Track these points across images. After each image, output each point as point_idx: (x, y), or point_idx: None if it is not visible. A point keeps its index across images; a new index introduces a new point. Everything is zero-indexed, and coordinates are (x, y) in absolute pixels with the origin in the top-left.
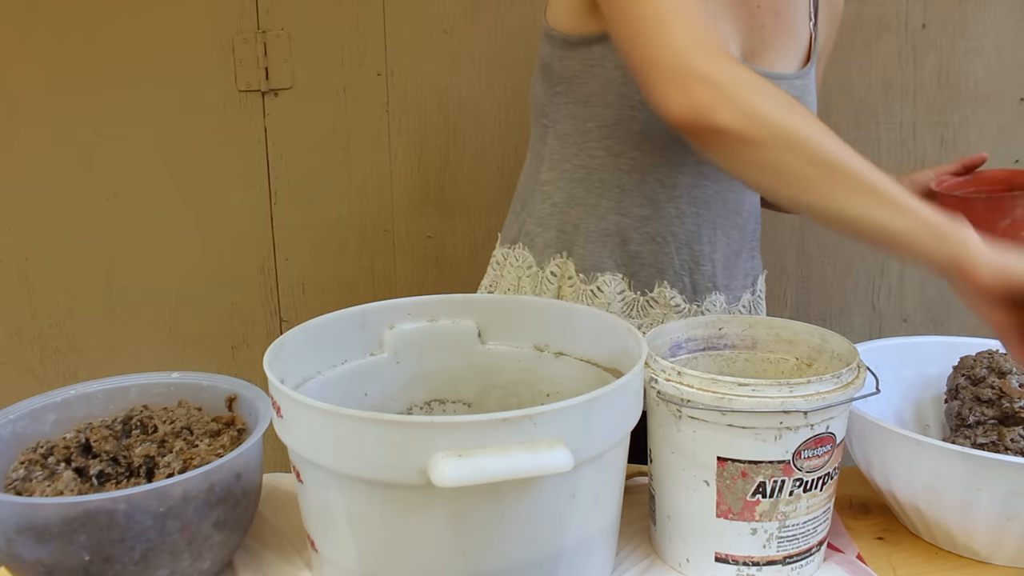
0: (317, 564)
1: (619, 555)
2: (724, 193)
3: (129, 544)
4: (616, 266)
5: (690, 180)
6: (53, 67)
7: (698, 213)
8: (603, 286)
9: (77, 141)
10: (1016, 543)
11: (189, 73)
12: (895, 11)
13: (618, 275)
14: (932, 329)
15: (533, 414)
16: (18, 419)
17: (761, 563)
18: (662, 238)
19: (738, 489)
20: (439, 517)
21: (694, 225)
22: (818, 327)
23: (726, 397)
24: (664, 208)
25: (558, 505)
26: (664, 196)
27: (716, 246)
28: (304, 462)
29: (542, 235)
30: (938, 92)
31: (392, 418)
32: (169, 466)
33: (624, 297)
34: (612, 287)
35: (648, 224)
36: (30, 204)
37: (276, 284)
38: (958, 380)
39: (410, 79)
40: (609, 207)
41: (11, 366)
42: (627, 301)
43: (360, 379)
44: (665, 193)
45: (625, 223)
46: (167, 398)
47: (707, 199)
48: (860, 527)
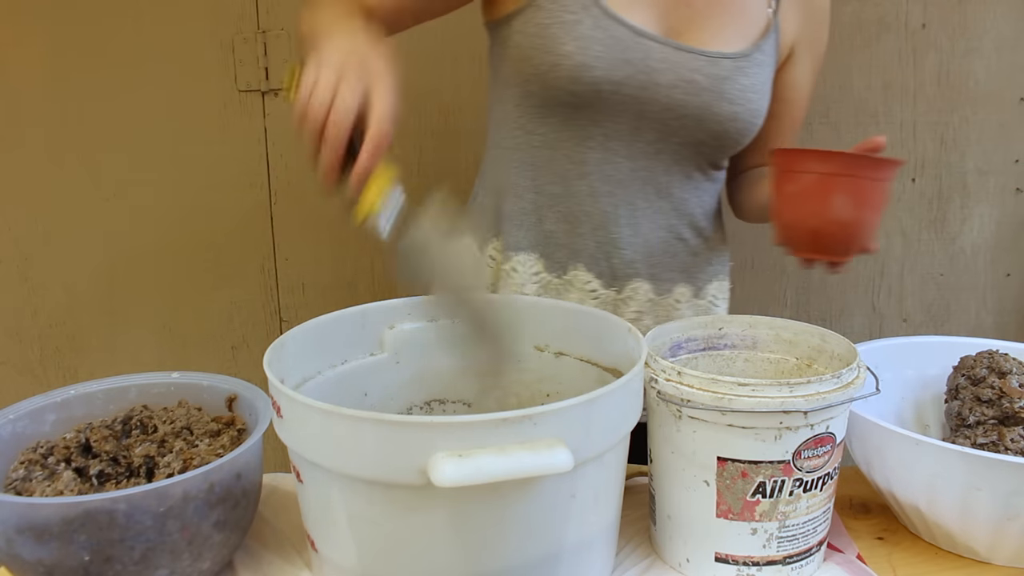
0: (317, 564)
1: (619, 555)
2: (640, 173)
3: (129, 544)
4: (531, 246)
5: (599, 156)
6: (53, 67)
7: (612, 192)
8: (518, 266)
9: (77, 141)
10: (1016, 543)
11: (189, 73)
12: (895, 11)
13: (533, 255)
14: (932, 329)
15: (533, 414)
16: (18, 419)
17: (761, 563)
18: (575, 218)
19: (738, 489)
20: (439, 517)
21: (609, 205)
22: (818, 327)
23: (726, 397)
24: (575, 186)
25: (558, 505)
26: (574, 173)
27: (638, 231)
28: (304, 462)
29: (482, 221)
30: (938, 92)
31: (392, 418)
32: (169, 466)
33: (540, 279)
34: (527, 267)
35: (561, 203)
36: (30, 204)
37: (276, 284)
38: (958, 380)
39: (410, 79)
40: (526, 186)
41: (11, 366)
42: (542, 283)
43: (360, 379)
44: (575, 170)
45: (540, 201)
46: (167, 398)
47: (621, 178)
48: (860, 527)
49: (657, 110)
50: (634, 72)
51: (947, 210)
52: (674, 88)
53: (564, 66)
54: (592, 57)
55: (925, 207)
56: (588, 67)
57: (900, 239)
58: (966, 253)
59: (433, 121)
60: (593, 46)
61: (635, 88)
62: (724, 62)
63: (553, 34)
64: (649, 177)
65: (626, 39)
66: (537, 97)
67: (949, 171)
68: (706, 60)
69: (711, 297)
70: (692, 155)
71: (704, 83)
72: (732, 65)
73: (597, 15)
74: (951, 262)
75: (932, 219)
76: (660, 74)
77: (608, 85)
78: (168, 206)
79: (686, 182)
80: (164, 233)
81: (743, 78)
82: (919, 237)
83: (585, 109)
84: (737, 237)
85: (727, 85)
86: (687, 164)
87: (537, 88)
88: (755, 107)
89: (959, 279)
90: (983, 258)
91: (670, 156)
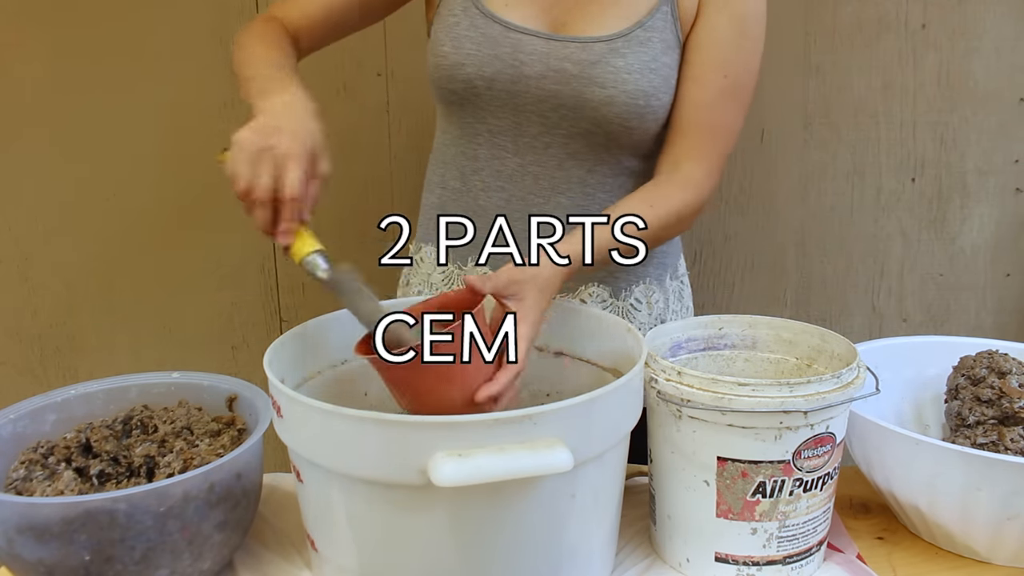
0: (317, 564)
1: (619, 555)
2: (531, 168)
3: (130, 544)
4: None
5: (488, 152)
6: (53, 67)
7: (503, 187)
8: (425, 256)
9: (77, 141)
10: (1016, 543)
11: (189, 73)
12: (895, 11)
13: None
14: (932, 329)
15: (533, 414)
16: (18, 419)
17: (761, 563)
18: (473, 212)
19: (738, 489)
20: (439, 517)
21: (501, 200)
22: (818, 327)
23: (726, 397)
24: (471, 181)
25: (558, 505)
26: (469, 168)
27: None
28: (304, 462)
29: None
30: (938, 92)
31: (392, 418)
32: (169, 466)
33: (444, 270)
34: (433, 258)
35: (460, 197)
36: (30, 204)
37: (276, 284)
38: (958, 380)
39: (410, 79)
40: (436, 181)
41: (11, 366)
42: (447, 274)
43: (360, 379)
44: (469, 165)
45: (445, 196)
46: (167, 398)
47: (510, 173)
48: (860, 527)
49: (532, 102)
50: (503, 67)
51: (947, 210)
52: (543, 78)
53: (443, 66)
54: (464, 55)
55: (925, 207)
56: (461, 65)
57: (900, 239)
58: (966, 253)
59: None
60: (466, 44)
61: (506, 82)
62: (596, 46)
63: (437, 37)
64: (541, 172)
65: (497, 35)
66: (436, 97)
67: (949, 171)
68: (577, 46)
69: (633, 300)
70: (586, 147)
71: (573, 70)
72: (605, 48)
73: (474, 15)
74: (951, 262)
75: (932, 219)
76: (528, 66)
77: (480, 81)
78: (168, 206)
79: (588, 176)
80: (164, 233)
81: (617, 59)
82: (919, 237)
83: (468, 106)
84: (737, 237)
85: (597, 69)
86: (584, 158)
87: (432, 89)
88: (633, 87)
89: (959, 279)
90: (983, 258)
91: (560, 149)
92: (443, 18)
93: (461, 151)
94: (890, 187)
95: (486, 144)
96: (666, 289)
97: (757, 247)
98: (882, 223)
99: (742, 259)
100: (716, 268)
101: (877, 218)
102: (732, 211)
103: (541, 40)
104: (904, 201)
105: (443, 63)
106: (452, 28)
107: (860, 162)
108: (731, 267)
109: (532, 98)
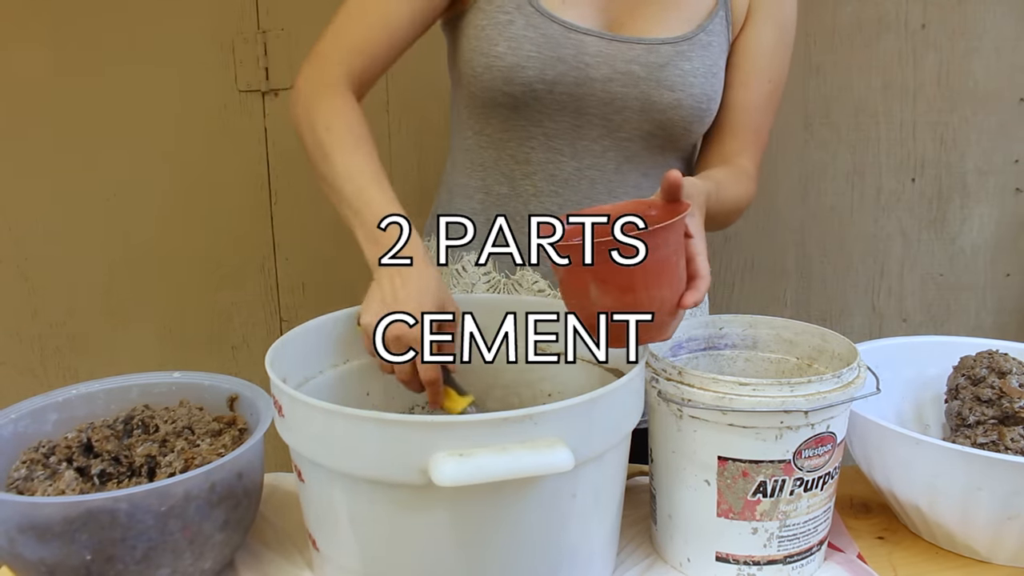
0: (319, 563)
1: (620, 555)
2: (587, 172)
3: (131, 543)
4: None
5: (543, 156)
6: (54, 67)
7: (557, 192)
8: (467, 265)
9: (78, 141)
10: (1016, 542)
11: (189, 73)
12: (895, 11)
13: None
14: (932, 329)
15: (534, 414)
16: (19, 419)
17: (762, 562)
18: (521, 218)
19: (739, 488)
20: (440, 517)
21: (554, 206)
22: (818, 327)
23: (727, 397)
24: (521, 186)
25: (559, 505)
26: (519, 173)
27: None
28: (306, 461)
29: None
30: (938, 92)
31: (393, 418)
32: (171, 466)
33: (489, 278)
34: (476, 267)
35: (507, 203)
36: (30, 204)
37: (276, 284)
38: (958, 380)
39: (410, 79)
40: (475, 186)
41: (11, 366)
42: (492, 282)
43: (362, 379)
44: (520, 170)
45: (488, 201)
46: (168, 398)
47: (566, 178)
48: (860, 527)
49: (596, 105)
50: (567, 69)
51: (947, 210)
52: (610, 81)
53: (498, 67)
54: (524, 57)
55: (925, 207)
56: (520, 67)
57: (900, 239)
58: (966, 253)
59: (433, 121)
60: (525, 45)
61: (570, 85)
62: (663, 48)
63: (488, 35)
64: (598, 176)
65: (558, 36)
66: (479, 99)
67: (949, 171)
68: (643, 48)
69: None
70: (643, 150)
71: (641, 73)
72: (672, 51)
73: (530, 14)
74: (951, 262)
75: (932, 219)
76: (594, 68)
77: (542, 84)
78: (168, 206)
79: (643, 180)
80: (164, 233)
81: (684, 63)
82: (919, 237)
83: (523, 109)
84: (737, 237)
85: (666, 72)
86: (640, 160)
87: (477, 90)
88: (699, 91)
89: (959, 279)
90: (983, 258)
91: (619, 153)
92: (490, 15)
93: (509, 155)
94: (890, 187)
95: (540, 148)
96: None
97: (757, 247)
98: (882, 223)
99: (742, 259)
100: (716, 268)
101: (877, 218)
102: None
103: (604, 41)
104: (904, 201)
105: (498, 64)
106: (507, 27)
107: (860, 162)
108: (731, 267)
109: (597, 101)
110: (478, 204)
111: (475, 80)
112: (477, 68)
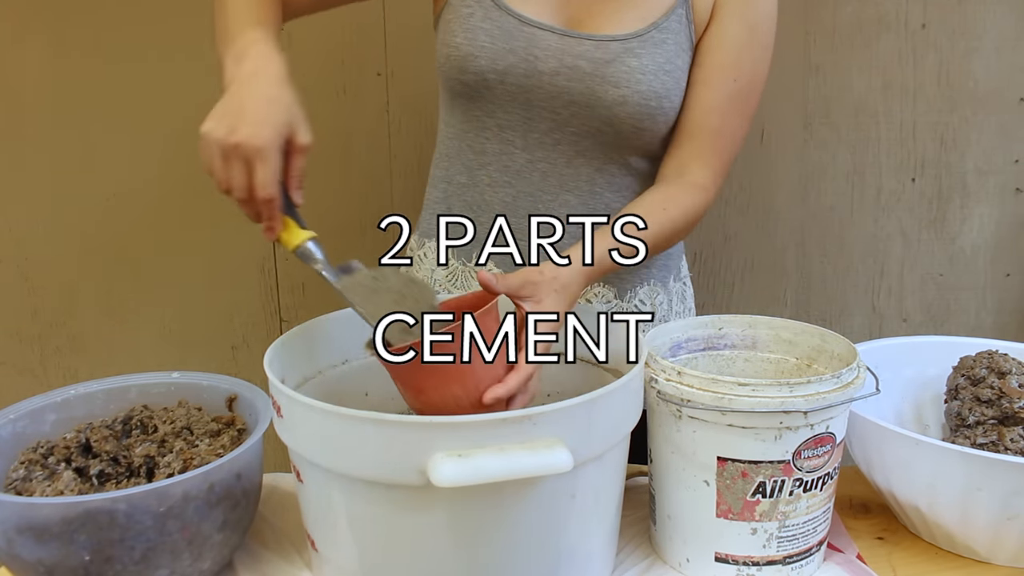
0: (317, 564)
1: (619, 555)
2: (539, 164)
3: (129, 544)
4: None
5: (497, 147)
6: (54, 67)
7: (511, 183)
8: (428, 252)
9: (77, 141)
10: (1016, 543)
11: (189, 73)
12: (895, 11)
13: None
14: (932, 329)
15: (533, 414)
16: (18, 419)
17: (761, 563)
18: (478, 207)
19: (738, 489)
20: (439, 517)
21: (508, 196)
22: (818, 327)
23: (726, 397)
24: (477, 176)
25: (558, 505)
26: (476, 163)
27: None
28: (304, 462)
29: None
30: (938, 92)
31: (392, 418)
32: (169, 466)
33: (448, 265)
34: (434, 255)
35: (466, 192)
36: (30, 204)
37: (276, 284)
38: (958, 380)
39: (410, 79)
40: (440, 176)
41: (11, 366)
42: (450, 269)
43: (361, 379)
44: (476, 160)
45: (450, 191)
46: (167, 398)
47: (518, 169)
48: (860, 527)
49: (544, 98)
50: (517, 60)
51: (947, 210)
52: (557, 75)
53: (454, 56)
54: (478, 47)
55: (925, 207)
56: (473, 56)
57: (900, 239)
58: (966, 253)
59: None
60: (480, 36)
61: (519, 76)
62: (611, 45)
63: (450, 28)
64: (549, 169)
65: (512, 29)
66: (445, 90)
67: (949, 171)
68: (592, 44)
69: (638, 301)
70: (596, 146)
71: (587, 68)
72: (620, 47)
73: (489, 7)
74: (951, 262)
75: (932, 219)
76: (542, 62)
77: (493, 74)
78: (168, 206)
79: (597, 175)
80: (164, 233)
81: (631, 59)
82: (919, 237)
83: (478, 99)
84: (737, 237)
85: (612, 68)
86: (594, 156)
87: (442, 80)
88: (647, 88)
89: (959, 279)
90: (983, 258)
91: (570, 147)
92: (455, 8)
93: (468, 145)
94: (890, 187)
95: (494, 139)
96: (670, 290)
97: (757, 247)
98: (882, 223)
99: (742, 259)
100: (716, 268)
101: (877, 218)
102: (732, 211)
103: (556, 36)
104: (904, 201)
105: (455, 54)
106: (466, 19)
107: (860, 162)
108: (731, 267)
109: (544, 94)
110: (440, 193)
111: (439, 71)
112: (440, 59)
